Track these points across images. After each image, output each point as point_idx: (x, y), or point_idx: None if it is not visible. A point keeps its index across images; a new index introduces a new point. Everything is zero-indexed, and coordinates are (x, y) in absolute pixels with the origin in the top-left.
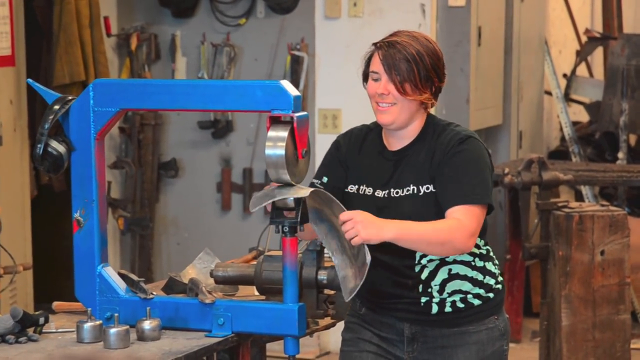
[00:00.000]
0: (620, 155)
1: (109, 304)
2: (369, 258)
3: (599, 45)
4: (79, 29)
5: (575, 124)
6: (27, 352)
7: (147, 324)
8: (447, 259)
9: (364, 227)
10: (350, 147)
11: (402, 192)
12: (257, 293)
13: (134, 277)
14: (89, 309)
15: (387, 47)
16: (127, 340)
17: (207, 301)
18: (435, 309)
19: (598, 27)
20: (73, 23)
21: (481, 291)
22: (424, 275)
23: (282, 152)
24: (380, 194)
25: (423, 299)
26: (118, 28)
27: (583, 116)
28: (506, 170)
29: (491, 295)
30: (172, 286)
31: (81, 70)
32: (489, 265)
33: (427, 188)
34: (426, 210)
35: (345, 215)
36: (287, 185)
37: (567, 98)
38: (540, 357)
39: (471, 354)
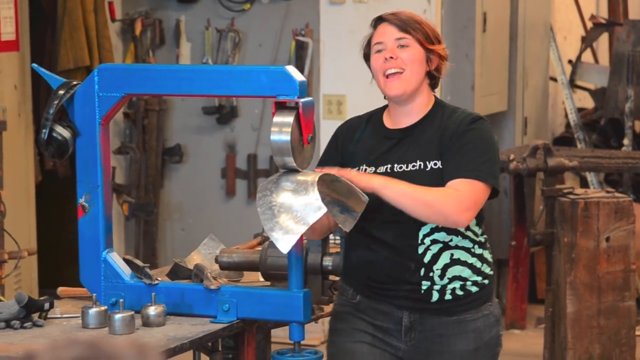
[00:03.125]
0: (626, 141)
1: (114, 289)
2: (365, 198)
3: (605, 31)
4: (83, 13)
5: (580, 110)
6: (32, 337)
7: (152, 310)
8: (450, 243)
9: (357, 173)
10: (346, 136)
11: (407, 167)
12: (262, 279)
13: (139, 262)
14: (94, 294)
15: (393, 15)
16: (132, 326)
17: (213, 287)
18: (435, 296)
19: (603, 13)
20: (77, 8)
21: (478, 278)
22: (426, 258)
23: (287, 137)
24: (382, 169)
25: (424, 285)
26: (122, 13)
27: (588, 102)
28: (511, 157)
29: (486, 282)
30: (177, 272)
31: (85, 55)
32: (486, 254)
33: (435, 164)
34: (435, 185)
35: (340, 171)
36: (292, 171)
37: (572, 84)
38: (545, 344)
39: (469, 342)
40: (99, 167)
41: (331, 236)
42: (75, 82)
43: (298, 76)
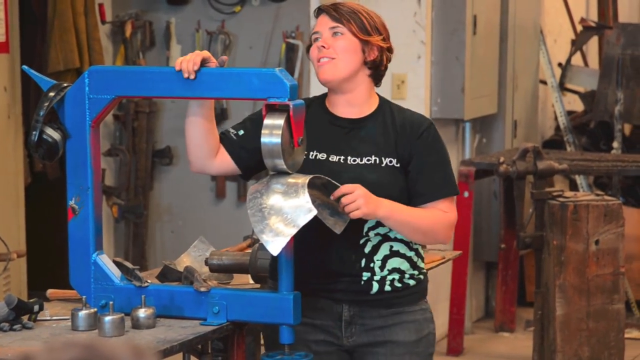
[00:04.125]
0: (615, 144)
1: (103, 291)
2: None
3: (594, 34)
4: (73, 15)
5: (570, 113)
6: (22, 339)
7: (142, 312)
8: (389, 234)
9: (365, 202)
10: None
11: (361, 161)
12: (252, 281)
13: (129, 264)
14: (84, 296)
15: (331, 6)
16: (122, 328)
17: (203, 289)
18: (375, 287)
19: (593, 16)
20: (68, 10)
21: (415, 272)
22: (367, 249)
23: (278, 140)
24: (334, 158)
25: (364, 276)
26: (112, 15)
27: (578, 105)
28: (501, 160)
29: (422, 277)
30: (167, 274)
31: (75, 57)
32: (421, 250)
33: (390, 162)
34: (391, 181)
35: (348, 187)
36: (283, 173)
37: (562, 87)
38: (534, 347)
39: (410, 332)
40: (89, 169)
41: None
42: (65, 84)
43: (289, 79)
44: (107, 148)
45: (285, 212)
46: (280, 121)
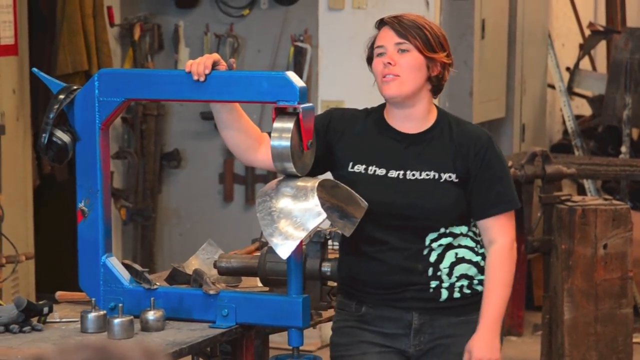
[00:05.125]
0: (623, 149)
1: (113, 294)
2: (364, 203)
3: (603, 38)
4: (82, 18)
5: (578, 117)
6: (31, 341)
7: (151, 315)
8: (452, 243)
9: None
10: (347, 126)
11: (420, 176)
12: (260, 284)
13: (138, 267)
14: (93, 299)
15: (395, 19)
16: (131, 331)
17: (212, 292)
18: (444, 294)
19: (601, 21)
20: (76, 12)
21: (483, 277)
22: (432, 258)
23: (287, 143)
24: (394, 174)
25: (433, 284)
26: (121, 18)
27: (586, 110)
28: (509, 164)
29: None
30: (175, 277)
31: (84, 60)
32: (486, 253)
33: (450, 177)
34: (446, 197)
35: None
36: (292, 176)
37: (570, 91)
38: (542, 351)
39: None
40: (98, 171)
41: (330, 242)
42: (75, 87)
43: (298, 82)
44: (115, 151)
45: (295, 215)
46: (289, 124)
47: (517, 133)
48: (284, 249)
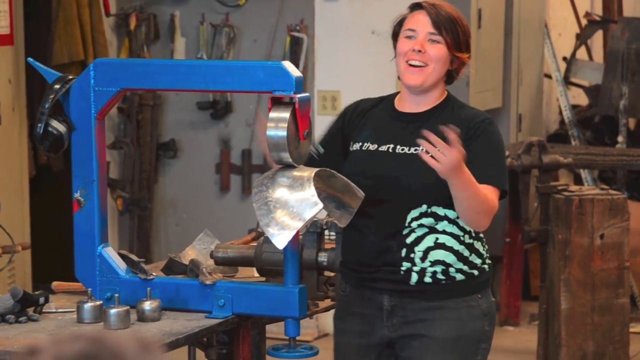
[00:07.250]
0: (620, 139)
1: (109, 284)
2: (361, 193)
3: (599, 28)
4: (77, 8)
5: (574, 107)
6: (27, 331)
7: (148, 305)
8: (437, 227)
9: (450, 167)
10: (355, 115)
11: (409, 150)
12: (256, 274)
13: (134, 257)
14: (89, 289)
15: (433, 7)
16: (128, 321)
17: (208, 282)
18: (414, 278)
19: (598, 10)
20: (72, 2)
21: (465, 267)
22: (409, 239)
23: (283, 133)
24: (384, 148)
25: (404, 266)
26: (117, 8)
27: (582, 99)
28: (506, 153)
29: (475, 272)
30: (172, 267)
31: (80, 50)
32: (478, 245)
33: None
34: (429, 171)
35: (455, 143)
36: (288, 166)
37: (567, 81)
38: (538, 341)
39: (450, 329)
40: (94, 161)
41: (327, 232)
42: (71, 77)
43: (294, 72)
44: (111, 141)
45: (291, 205)
46: (285, 114)
47: (513, 123)
48: (281, 239)
